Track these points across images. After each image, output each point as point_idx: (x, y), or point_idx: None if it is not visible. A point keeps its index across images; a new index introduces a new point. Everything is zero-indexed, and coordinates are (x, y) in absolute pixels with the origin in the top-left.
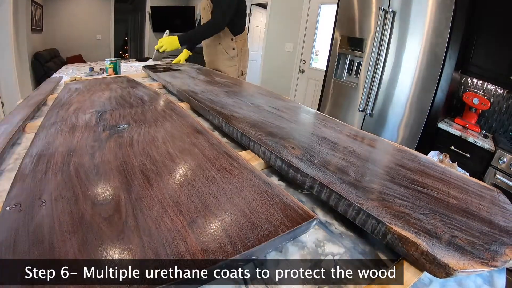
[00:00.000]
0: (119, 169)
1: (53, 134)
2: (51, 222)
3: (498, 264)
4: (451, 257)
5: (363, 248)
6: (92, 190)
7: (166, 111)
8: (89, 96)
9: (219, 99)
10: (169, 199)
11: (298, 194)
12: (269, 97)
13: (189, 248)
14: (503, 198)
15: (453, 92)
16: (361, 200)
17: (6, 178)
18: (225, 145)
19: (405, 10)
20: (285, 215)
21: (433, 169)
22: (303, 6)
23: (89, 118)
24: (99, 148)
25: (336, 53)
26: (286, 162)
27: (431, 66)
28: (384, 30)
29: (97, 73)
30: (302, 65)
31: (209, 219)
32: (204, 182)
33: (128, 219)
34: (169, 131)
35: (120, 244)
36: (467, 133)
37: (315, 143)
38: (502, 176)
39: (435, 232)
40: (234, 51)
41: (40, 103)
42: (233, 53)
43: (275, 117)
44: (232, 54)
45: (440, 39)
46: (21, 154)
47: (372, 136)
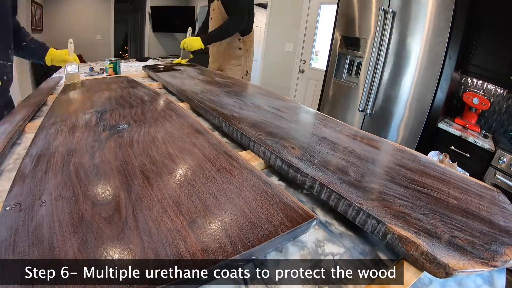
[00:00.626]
0: (119, 169)
1: (53, 134)
2: (51, 222)
3: (498, 264)
4: (451, 257)
5: (363, 248)
6: (92, 190)
7: (166, 111)
8: (89, 96)
9: (219, 99)
10: (169, 199)
11: (298, 194)
12: (269, 97)
13: (189, 248)
14: (503, 198)
15: (453, 92)
16: (361, 200)
17: (6, 178)
18: (225, 145)
19: (405, 10)
20: (285, 215)
21: (433, 169)
22: (303, 6)
23: (89, 118)
24: (99, 148)
25: (336, 53)
26: (286, 162)
27: (431, 66)
28: (384, 30)
29: (97, 73)
30: (302, 65)
31: (209, 219)
32: (204, 182)
33: (128, 219)
34: (169, 131)
35: (120, 244)
36: (467, 133)
37: (315, 143)
38: (502, 176)
39: (435, 232)
40: (241, 51)
41: (40, 103)
42: (240, 53)
43: (275, 117)
44: (238, 54)
45: (440, 39)
46: (21, 154)
47: (372, 136)
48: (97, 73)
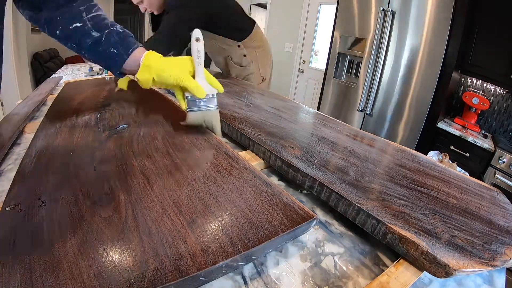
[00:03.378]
0: (119, 169)
1: (53, 134)
2: (51, 222)
3: (498, 263)
4: (451, 257)
5: (363, 248)
6: (92, 190)
7: (166, 111)
8: (88, 96)
9: (219, 99)
10: (169, 199)
11: (298, 194)
12: (268, 97)
13: (189, 248)
14: (502, 197)
15: (453, 92)
16: (361, 200)
17: (6, 178)
18: (224, 145)
19: (404, 10)
20: (285, 215)
21: (433, 169)
22: (303, 6)
23: (88, 118)
24: (99, 148)
25: (335, 53)
26: (286, 162)
27: (430, 65)
28: (383, 30)
29: (97, 73)
30: (302, 65)
31: (209, 219)
32: (203, 182)
33: (128, 219)
34: (169, 131)
35: (120, 244)
36: (467, 133)
37: (315, 143)
38: (502, 176)
39: (435, 231)
40: (247, 59)
41: (40, 103)
42: (246, 61)
43: (275, 117)
44: (245, 63)
45: (440, 39)
46: (21, 154)
47: (371, 136)
48: (96, 73)
